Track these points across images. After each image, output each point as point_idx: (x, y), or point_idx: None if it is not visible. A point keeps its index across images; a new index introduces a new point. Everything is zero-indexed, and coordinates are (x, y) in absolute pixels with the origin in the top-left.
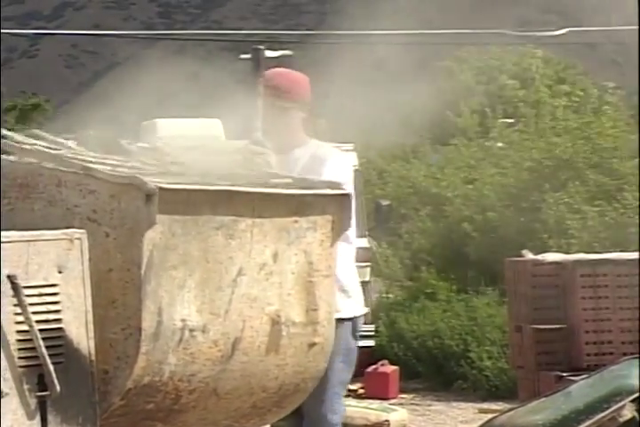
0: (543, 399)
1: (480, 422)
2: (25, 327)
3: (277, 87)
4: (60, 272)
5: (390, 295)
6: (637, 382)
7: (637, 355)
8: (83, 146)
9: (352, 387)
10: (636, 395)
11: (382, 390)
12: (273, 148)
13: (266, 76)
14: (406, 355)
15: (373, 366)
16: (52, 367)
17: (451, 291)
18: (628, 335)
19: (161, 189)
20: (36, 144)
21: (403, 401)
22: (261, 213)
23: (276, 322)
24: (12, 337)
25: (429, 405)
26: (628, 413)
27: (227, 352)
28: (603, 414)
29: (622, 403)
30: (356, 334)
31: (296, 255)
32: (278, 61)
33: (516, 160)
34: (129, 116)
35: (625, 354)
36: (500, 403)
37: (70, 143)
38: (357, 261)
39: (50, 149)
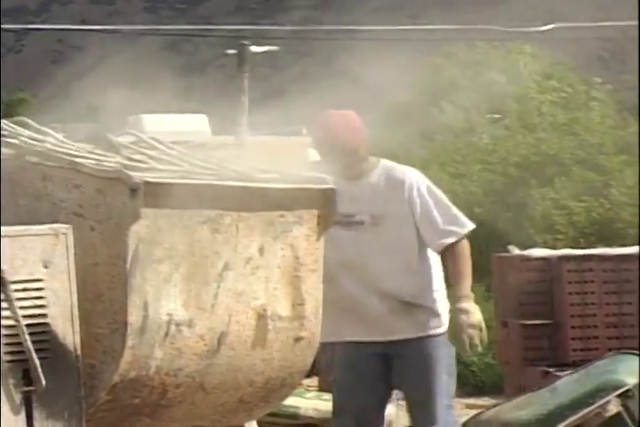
0: (529, 395)
1: (466, 418)
2: (11, 322)
3: (342, 143)
4: (45, 267)
5: None
6: (623, 378)
7: (623, 350)
8: (69, 138)
9: None
10: (622, 390)
11: None
12: (339, 175)
13: (322, 124)
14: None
15: None
16: (37, 362)
17: None
18: (614, 331)
19: (146, 183)
20: (21, 135)
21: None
22: (247, 208)
23: (262, 316)
24: None
25: None
26: (614, 408)
27: (213, 347)
28: (588, 410)
29: (608, 398)
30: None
31: (282, 250)
32: (264, 57)
33: (503, 156)
34: (115, 112)
35: (611, 349)
36: (487, 398)
37: (57, 135)
38: None
39: (35, 140)
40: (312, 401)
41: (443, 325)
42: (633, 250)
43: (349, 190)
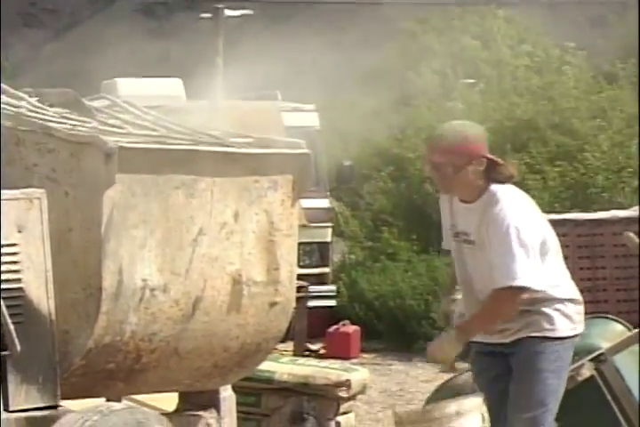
0: None
1: (441, 382)
2: None
3: (446, 146)
4: (19, 232)
5: (352, 256)
6: (596, 342)
7: (596, 314)
8: (44, 103)
9: (313, 347)
10: (595, 354)
11: (344, 349)
12: (459, 197)
13: (437, 137)
14: (367, 315)
15: (335, 327)
16: (12, 327)
17: (412, 251)
18: (588, 295)
19: (121, 148)
20: None
21: (364, 361)
22: (222, 173)
23: (237, 281)
24: None
25: (390, 364)
26: (587, 371)
27: (188, 312)
28: None
29: (581, 362)
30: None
31: (257, 215)
32: (239, 20)
33: (478, 121)
34: (89, 75)
35: (585, 314)
36: (461, 362)
37: (31, 99)
38: (318, 221)
39: (9, 104)
40: (287, 366)
41: (559, 329)
42: (607, 215)
43: (465, 211)
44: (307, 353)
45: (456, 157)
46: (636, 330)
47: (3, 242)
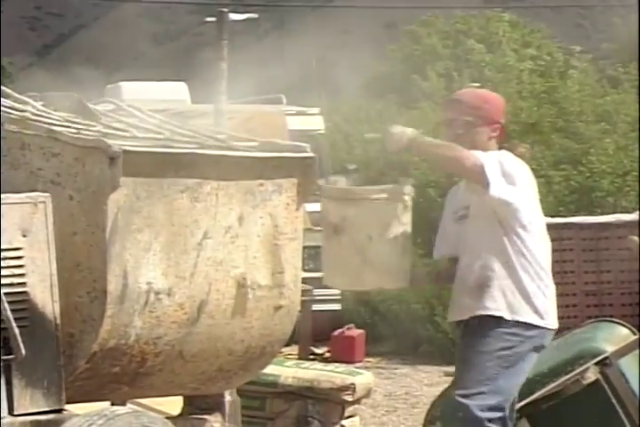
0: None
1: (445, 386)
2: None
3: (464, 102)
4: (24, 236)
5: None
6: (601, 345)
7: (602, 318)
8: (48, 107)
9: (318, 351)
10: (600, 358)
11: (348, 353)
12: None
13: (456, 94)
14: (372, 319)
15: (339, 330)
16: (17, 331)
17: (417, 255)
18: (593, 299)
19: (125, 151)
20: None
21: (369, 365)
22: (226, 176)
23: (241, 285)
24: None
25: (395, 368)
26: (592, 375)
27: (192, 315)
28: (567, 377)
29: (586, 366)
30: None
31: (262, 218)
32: (244, 24)
33: None
34: (93, 79)
35: (589, 317)
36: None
37: (36, 103)
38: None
39: (14, 108)
40: (291, 370)
41: (510, 311)
42: (612, 218)
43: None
44: (311, 357)
45: (471, 116)
46: None
47: (8, 246)
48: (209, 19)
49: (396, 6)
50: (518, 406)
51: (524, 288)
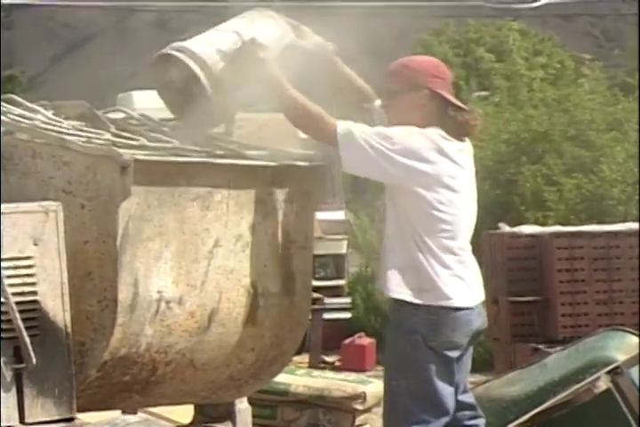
0: (519, 371)
1: None
2: (1, 300)
3: (387, 71)
4: (35, 244)
5: (368, 268)
6: (612, 354)
7: (613, 327)
8: (59, 116)
9: (329, 359)
10: (611, 367)
11: (359, 362)
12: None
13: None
14: (383, 327)
15: (350, 339)
16: (28, 340)
17: None
18: (604, 307)
19: (136, 160)
20: (11, 112)
21: (379, 373)
22: (237, 185)
23: (252, 294)
24: None
25: None
26: (603, 384)
27: (203, 324)
28: (578, 386)
29: (597, 375)
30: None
31: (272, 227)
32: None
33: (493, 133)
34: (105, 88)
35: (600, 326)
36: (477, 375)
37: (46, 112)
38: (334, 233)
39: (25, 117)
40: (302, 378)
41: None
42: (623, 227)
43: None
44: (322, 365)
45: (392, 83)
46: None
47: (19, 255)
48: None
49: (408, 13)
50: (529, 415)
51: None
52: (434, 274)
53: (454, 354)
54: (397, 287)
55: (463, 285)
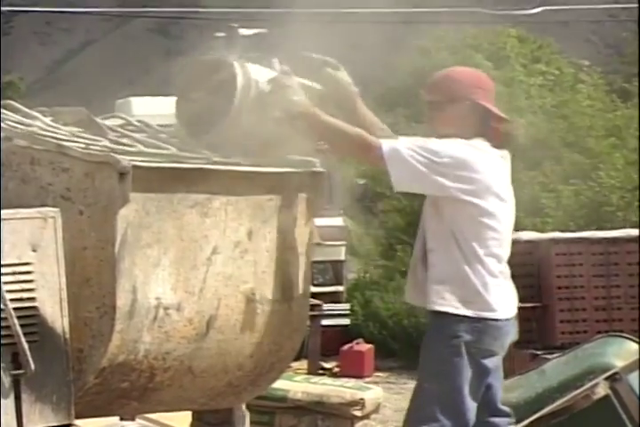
0: (517, 378)
1: None
2: None
3: (429, 83)
4: (33, 251)
5: (366, 274)
6: (611, 361)
7: (611, 333)
8: (57, 122)
9: (327, 365)
10: (610, 373)
11: (357, 368)
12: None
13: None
14: (381, 333)
15: (348, 345)
16: (26, 346)
17: None
18: (602, 314)
19: (135, 167)
20: (10, 119)
21: (378, 380)
22: (236, 191)
23: (250, 300)
24: None
25: (404, 383)
26: (602, 390)
27: (202, 330)
28: (577, 392)
29: (596, 381)
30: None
31: (271, 233)
32: (253, 40)
33: None
34: (103, 94)
35: (599, 332)
36: None
37: (45, 118)
38: (332, 239)
39: (23, 124)
40: (301, 384)
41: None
42: (621, 233)
43: None
44: (320, 372)
45: (433, 95)
46: None
47: (17, 261)
48: (218, 34)
49: (407, 20)
50: (528, 421)
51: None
52: (480, 285)
53: (490, 363)
54: (441, 300)
55: (505, 295)
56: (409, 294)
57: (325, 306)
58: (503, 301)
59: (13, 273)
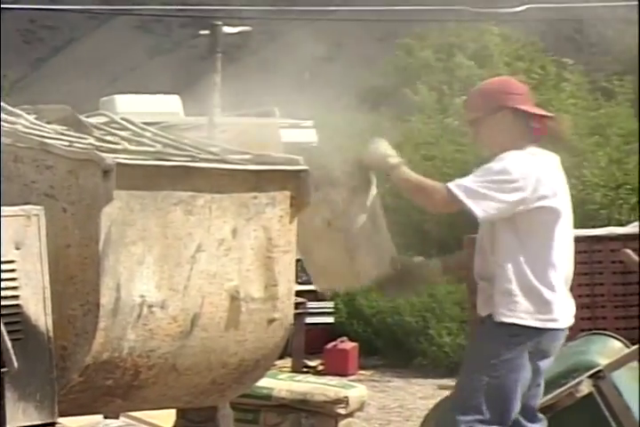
0: None
1: (439, 399)
2: None
3: (467, 100)
4: (17, 249)
5: None
6: (595, 359)
7: (595, 331)
8: (41, 120)
9: (311, 363)
10: (594, 371)
11: (341, 366)
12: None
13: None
14: (366, 331)
15: (333, 343)
16: (9, 344)
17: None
18: (586, 311)
19: (119, 164)
20: None
21: (362, 378)
22: (220, 189)
23: (235, 298)
24: None
25: (389, 381)
26: (586, 388)
27: (186, 328)
28: (560, 390)
29: (580, 379)
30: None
31: (255, 231)
32: (237, 37)
33: None
34: (87, 92)
35: (583, 330)
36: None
37: (29, 116)
38: None
39: (7, 121)
40: (285, 382)
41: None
42: (605, 231)
43: None
44: (305, 370)
45: (474, 111)
46: (635, 347)
47: (1, 259)
48: (202, 32)
49: (390, 18)
50: None
51: (530, 286)
52: (547, 297)
53: (544, 365)
54: (508, 311)
55: (567, 305)
56: (479, 306)
57: (310, 304)
58: (565, 310)
59: None
